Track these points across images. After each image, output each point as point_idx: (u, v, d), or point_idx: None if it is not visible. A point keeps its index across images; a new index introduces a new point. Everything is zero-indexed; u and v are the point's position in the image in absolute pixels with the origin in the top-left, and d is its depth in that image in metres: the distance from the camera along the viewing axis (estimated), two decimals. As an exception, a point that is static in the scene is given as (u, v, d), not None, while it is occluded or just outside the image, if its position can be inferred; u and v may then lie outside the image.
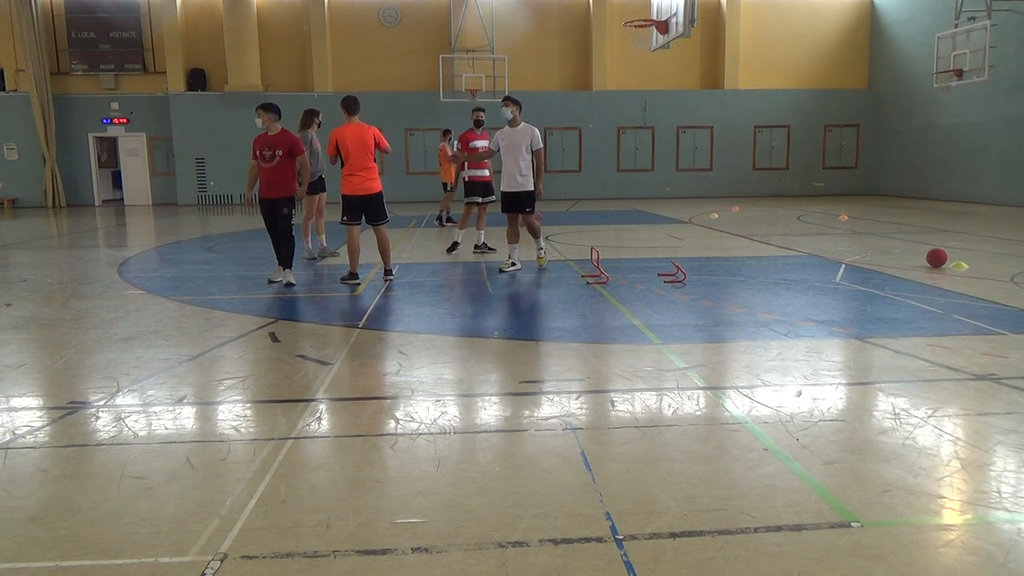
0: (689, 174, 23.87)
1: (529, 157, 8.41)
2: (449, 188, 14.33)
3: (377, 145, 7.82)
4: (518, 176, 8.39)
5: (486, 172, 10.31)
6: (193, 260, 10.27)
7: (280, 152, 7.60)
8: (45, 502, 2.95)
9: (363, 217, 7.84)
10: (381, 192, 7.91)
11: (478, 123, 10.48)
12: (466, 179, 10.59)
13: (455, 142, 12.41)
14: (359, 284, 7.83)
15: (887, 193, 23.38)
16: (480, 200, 10.33)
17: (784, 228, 13.52)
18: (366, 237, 8.15)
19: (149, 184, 23.25)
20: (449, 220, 14.55)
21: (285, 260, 7.80)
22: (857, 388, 4.37)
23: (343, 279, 7.88)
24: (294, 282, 7.80)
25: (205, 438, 3.69)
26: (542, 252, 8.85)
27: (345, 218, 7.83)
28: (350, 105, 7.87)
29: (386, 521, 2.76)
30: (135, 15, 22.58)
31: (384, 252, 8.05)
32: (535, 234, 8.80)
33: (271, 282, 7.87)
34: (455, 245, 10.32)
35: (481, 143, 10.25)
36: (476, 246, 10.36)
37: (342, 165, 7.78)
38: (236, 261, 10.04)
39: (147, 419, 3.90)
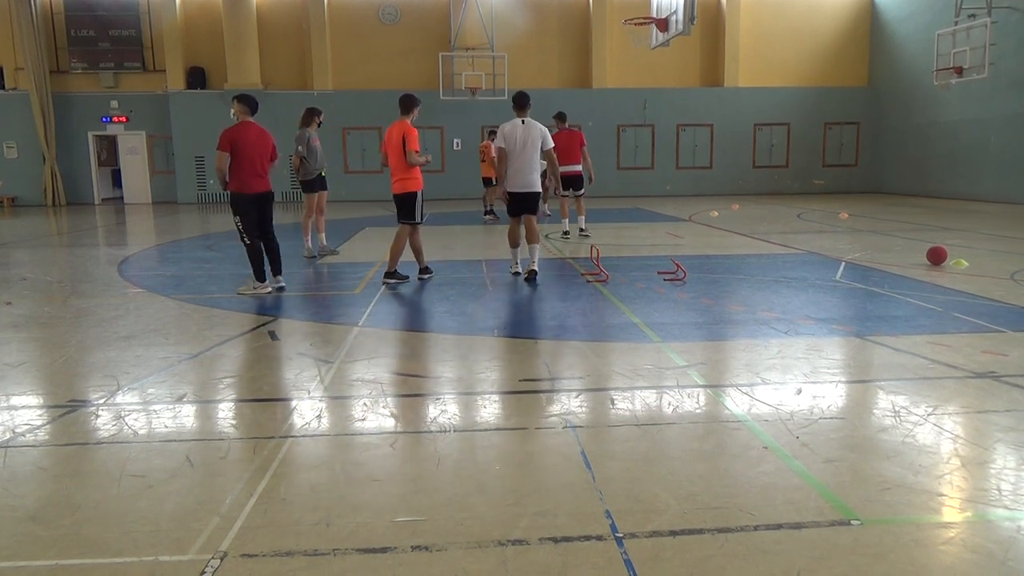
0: (689, 172, 23.86)
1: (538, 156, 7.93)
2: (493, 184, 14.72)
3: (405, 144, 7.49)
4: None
5: (574, 168, 11.41)
6: (193, 259, 10.27)
7: None
8: (45, 500, 2.95)
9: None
10: (411, 193, 7.60)
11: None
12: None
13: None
14: (406, 280, 7.81)
15: (887, 191, 23.36)
16: (570, 193, 11.51)
17: (784, 226, 13.52)
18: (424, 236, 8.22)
19: (149, 183, 23.23)
20: (490, 213, 15.33)
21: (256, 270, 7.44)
22: (857, 386, 4.37)
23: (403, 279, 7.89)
24: (245, 293, 7.29)
25: (205, 436, 3.69)
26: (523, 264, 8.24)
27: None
28: (401, 103, 7.63)
29: (386, 519, 2.76)
30: (135, 13, 22.55)
31: (393, 253, 7.78)
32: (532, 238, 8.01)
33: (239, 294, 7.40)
34: (566, 233, 11.63)
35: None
36: (565, 232, 11.61)
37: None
38: (236, 260, 10.02)
39: (147, 417, 3.90)
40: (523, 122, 7.87)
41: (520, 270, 8.14)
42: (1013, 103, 17.93)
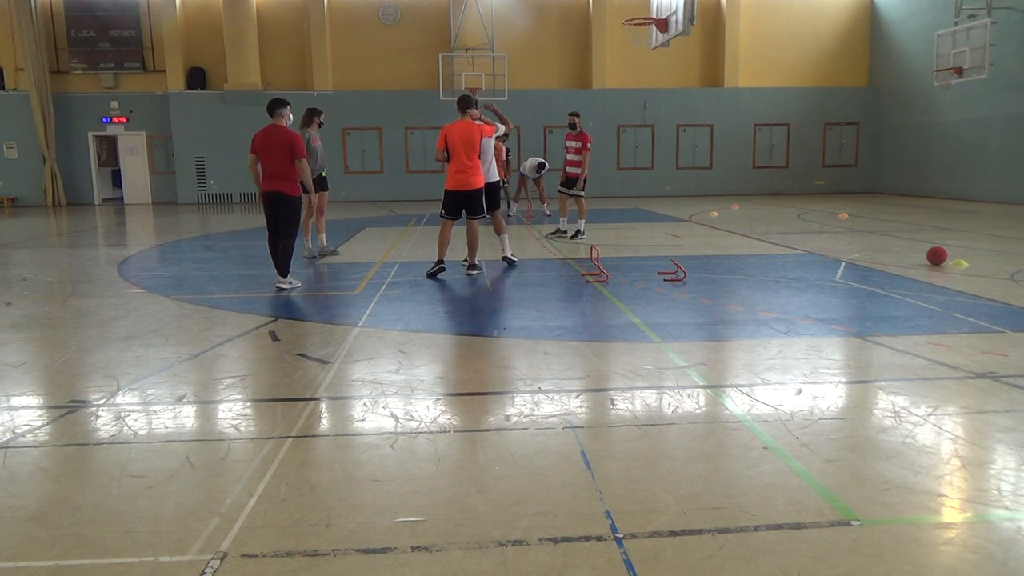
0: (689, 172, 23.86)
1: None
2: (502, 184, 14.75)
3: (483, 135, 8.09)
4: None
5: (574, 169, 11.53)
6: (193, 259, 10.27)
7: None
8: (45, 501, 2.95)
9: (462, 212, 8.23)
10: (483, 188, 8.22)
11: (572, 126, 11.63)
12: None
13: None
14: (444, 268, 8.17)
15: (887, 191, 23.37)
16: (568, 192, 11.66)
17: (784, 226, 13.52)
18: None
19: (149, 183, 23.23)
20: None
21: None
22: (857, 386, 4.37)
23: (429, 273, 8.14)
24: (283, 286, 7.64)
25: (205, 437, 3.69)
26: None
27: (443, 212, 8.26)
28: (462, 103, 8.13)
29: (386, 520, 2.76)
30: (134, 14, 22.54)
31: (472, 246, 8.30)
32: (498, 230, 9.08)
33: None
34: (559, 231, 11.77)
35: (572, 144, 11.53)
36: (577, 232, 11.57)
37: (448, 160, 8.09)
38: (236, 260, 10.03)
39: (147, 418, 3.90)
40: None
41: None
42: (1013, 103, 17.93)
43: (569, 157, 11.62)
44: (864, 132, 23.99)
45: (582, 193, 11.54)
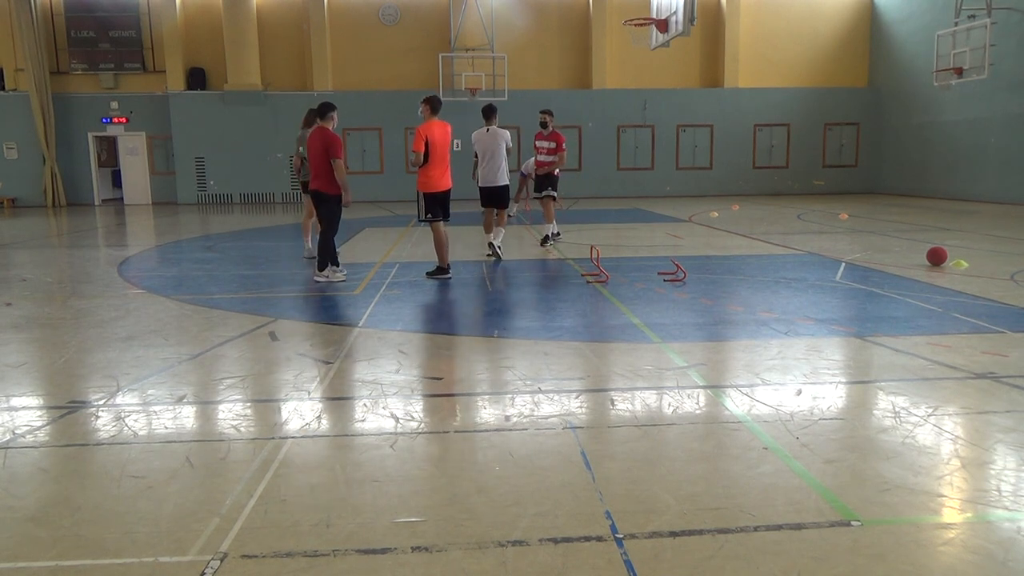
0: (689, 173, 23.85)
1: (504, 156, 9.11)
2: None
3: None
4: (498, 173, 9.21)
5: (547, 170, 10.93)
6: (193, 259, 10.27)
7: None
8: (45, 501, 2.95)
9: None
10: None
11: (543, 124, 10.95)
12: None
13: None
14: (450, 277, 8.04)
15: (887, 191, 23.36)
16: (539, 195, 11.06)
17: (784, 227, 13.52)
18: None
19: (149, 183, 23.22)
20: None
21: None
22: (857, 386, 4.37)
23: (430, 274, 8.12)
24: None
25: (205, 437, 3.69)
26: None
27: (430, 216, 8.16)
28: (435, 104, 8.16)
29: (386, 520, 2.76)
30: (135, 14, 22.54)
31: (441, 248, 8.26)
32: (500, 224, 9.58)
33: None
34: (547, 237, 11.00)
35: (544, 144, 10.86)
36: (546, 238, 11.00)
37: (424, 162, 7.97)
38: (236, 260, 10.03)
39: (147, 418, 3.90)
40: (488, 130, 9.10)
41: (491, 251, 9.41)
42: (1013, 103, 17.93)
43: (540, 158, 10.84)
44: (864, 132, 23.99)
45: (554, 193, 10.71)
